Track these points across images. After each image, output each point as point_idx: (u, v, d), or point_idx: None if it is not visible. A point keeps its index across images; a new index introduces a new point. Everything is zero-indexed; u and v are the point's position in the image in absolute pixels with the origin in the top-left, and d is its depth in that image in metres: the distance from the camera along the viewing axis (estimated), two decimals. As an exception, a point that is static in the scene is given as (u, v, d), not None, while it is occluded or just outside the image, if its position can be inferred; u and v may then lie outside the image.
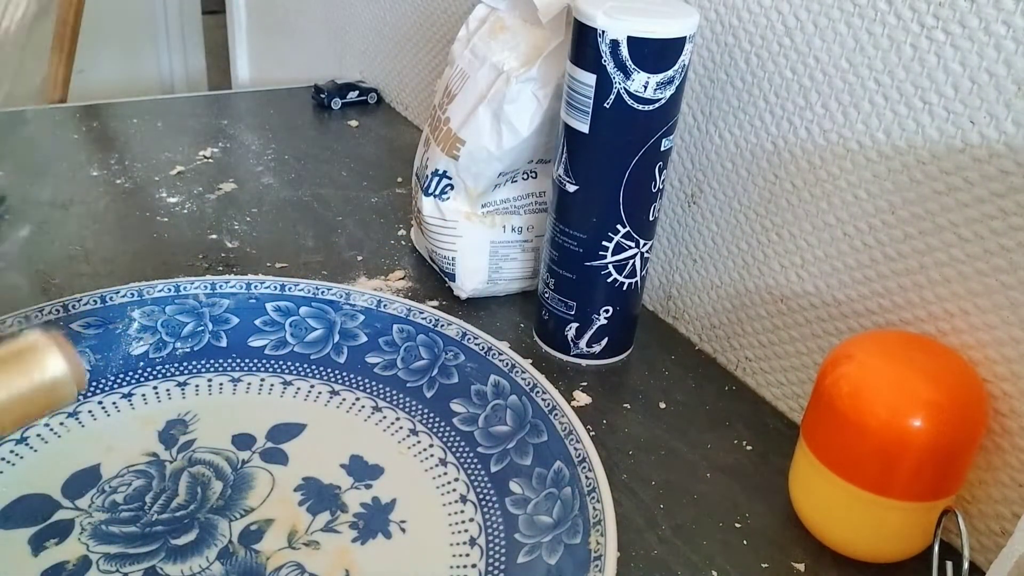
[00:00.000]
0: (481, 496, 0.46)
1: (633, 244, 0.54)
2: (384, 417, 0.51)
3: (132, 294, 0.54)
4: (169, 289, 0.55)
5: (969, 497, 0.46)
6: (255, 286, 0.56)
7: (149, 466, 0.46)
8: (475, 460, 0.48)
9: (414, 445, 0.49)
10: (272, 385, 0.53)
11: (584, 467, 0.44)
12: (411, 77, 0.96)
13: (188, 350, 0.54)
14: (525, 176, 0.62)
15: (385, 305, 0.55)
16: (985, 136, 0.42)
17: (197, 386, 0.52)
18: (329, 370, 0.54)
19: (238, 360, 0.54)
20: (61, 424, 0.49)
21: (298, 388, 0.53)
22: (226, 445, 0.48)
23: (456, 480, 0.47)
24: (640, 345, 0.61)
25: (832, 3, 0.48)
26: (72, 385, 0.39)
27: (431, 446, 0.49)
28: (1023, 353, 0.42)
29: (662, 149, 0.52)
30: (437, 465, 0.48)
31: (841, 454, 0.42)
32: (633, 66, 0.49)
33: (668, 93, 0.50)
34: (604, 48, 0.48)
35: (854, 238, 0.49)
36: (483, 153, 0.58)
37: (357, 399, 0.52)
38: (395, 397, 0.52)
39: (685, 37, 0.49)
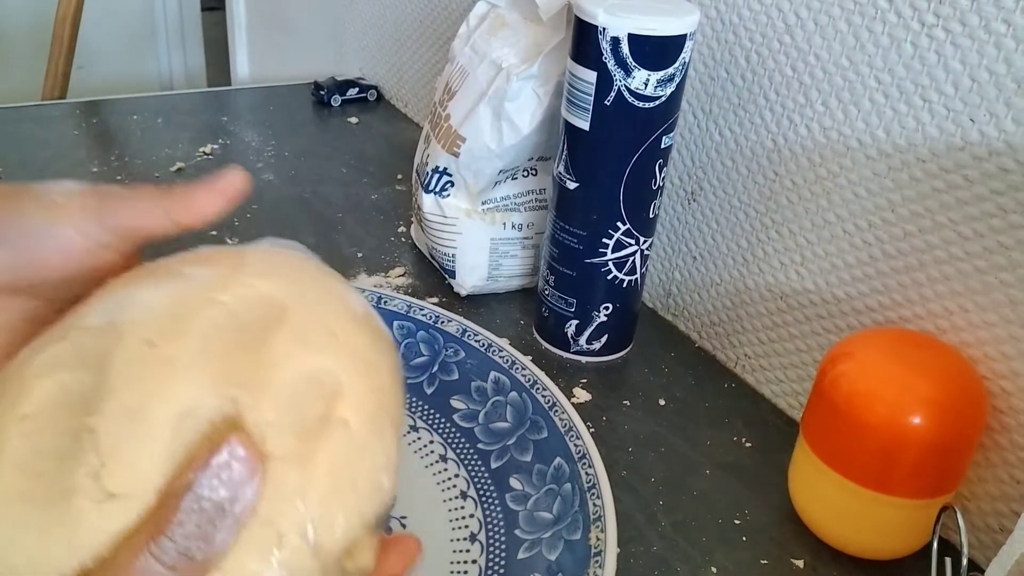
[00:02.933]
0: (481, 492, 0.46)
1: (633, 241, 0.54)
2: (384, 413, 0.51)
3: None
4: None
5: (968, 494, 0.46)
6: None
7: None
8: (475, 456, 0.48)
9: (415, 441, 0.49)
10: (273, 381, 0.53)
11: (584, 463, 0.44)
12: (411, 74, 0.96)
13: (189, 346, 0.54)
14: (525, 173, 0.62)
15: (385, 302, 0.55)
16: (985, 134, 0.42)
17: (198, 382, 0.52)
18: (329, 366, 0.54)
19: (239, 356, 0.54)
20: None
21: (298, 384, 0.53)
22: (227, 441, 0.48)
23: (456, 476, 0.47)
24: (640, 342, 0.61)
25: (832, 1, 0.48)
26: None
27: (431, 442, 0.49)
28: (1022, 351, 0.42)
29: (662, 146, 0.52)
30: (437, 461, 0.48)
31: (840, 451, 0.42)
32: (634, 63, 0.49)
33: (668, 90, 0.50)
34: (605, 45, 0.49)
35: (853, 236, 0.49)
36: (483, 150, 0.58)
37: (357, 395, 0.52)
38: (395, 394, 0.52)
39: (686, 35, 0.49)
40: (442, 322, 0.54)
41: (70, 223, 0.33)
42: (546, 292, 0.58)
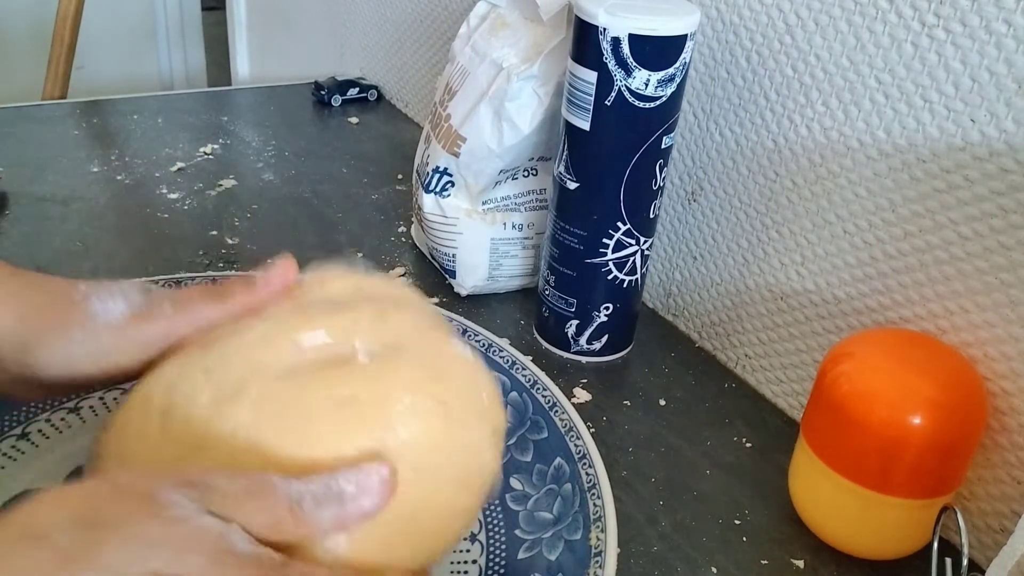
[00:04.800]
0: (481, 492, 0.46)
1: (633, 241, 0.54)
2: (385, 413, 0.51)
3: (133, 290, 0.54)
4: (170, 285, 0.55)
5: (968, 494, 0.46)
6: (256, 282, 0.56)
7: (150, 462, 0.46)
8: (475, 456, 0.48)
9: (415, 441, 0.49)
10: (273, 381, 0.53)
11: (584, 463, 0.44)
12: (412, 74, 0.96)
13: (189, 346, 0.54)
14: (526, 173, 0.62)
15: (386, 302, 0.55)
16: (985, 134, 0.42)
17: (198, 382, 0.52)
18: (330, 366, 0.54)
19: (239, 356, 0.54)
20: (62, 420, 0.49)
21: (299, 384, 0.53)
22: (227, 441, 0.48)
23: (457, 476, 0.47)
24: (640, 342, 0.61)
25: (832, 1, 0.48)
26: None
27: (432, 442, 0.49)
28: (1022, 351, 0.42)
29: (663, 147, 0.52)
30: (438, 461, 0.48)
31: (841, 451, 0.42)
32: (634, 63, 0.49)
33: (669, 91, 0.50)
34: (605, 45, 0.49)
35: (854, 236, 0.49)
36: (484, 150, 0.58)
37: (358, 395, 0.52)
38: (396, 393, 0.52)
39: (686, 35, 0.49)
40: (442, 322, 0.54)
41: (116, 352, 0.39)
42: (546, 292, 0.58)
